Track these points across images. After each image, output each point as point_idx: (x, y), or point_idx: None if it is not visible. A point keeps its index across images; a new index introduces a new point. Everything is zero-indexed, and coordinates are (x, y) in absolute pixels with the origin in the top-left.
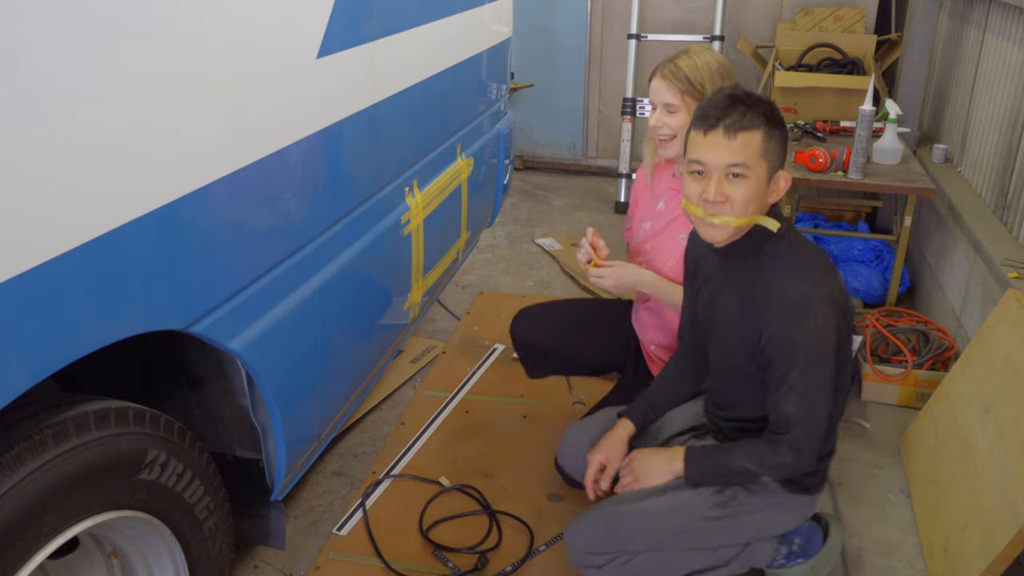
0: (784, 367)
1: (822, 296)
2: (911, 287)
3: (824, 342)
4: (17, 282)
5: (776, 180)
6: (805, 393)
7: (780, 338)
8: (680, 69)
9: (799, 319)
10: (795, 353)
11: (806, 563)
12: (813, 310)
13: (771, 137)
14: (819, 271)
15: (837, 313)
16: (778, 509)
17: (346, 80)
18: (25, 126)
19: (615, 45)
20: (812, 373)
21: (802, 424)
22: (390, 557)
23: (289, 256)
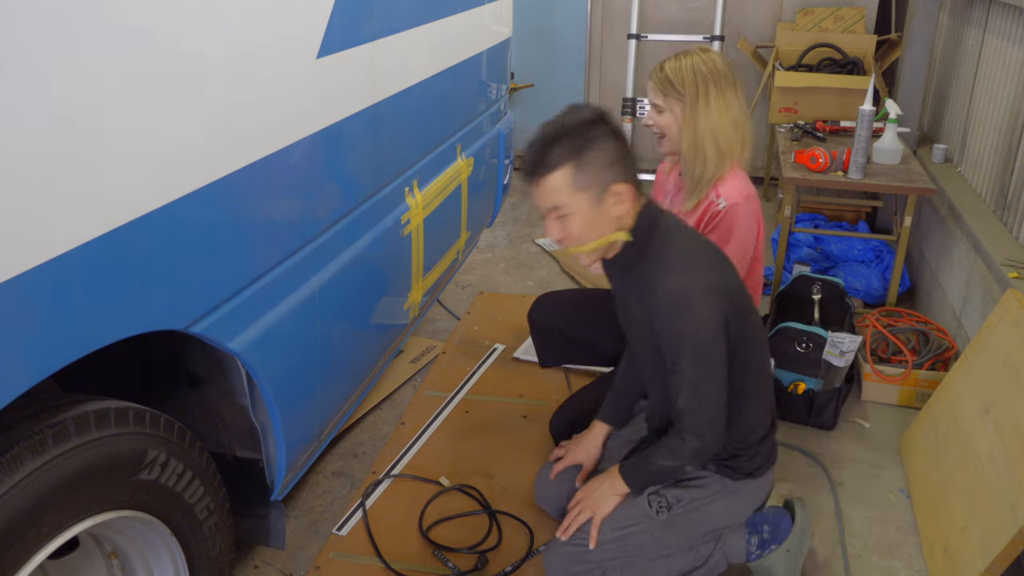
0: (673, 359)
1: (701, 287)
2: (911, 287)
3: (707, 331)
4: (17, 282)
5: (608, 197)
6: (694, 382)
7: (666, 332)
8: (664, 71)
9: (679, 312)
10: (680, 345)
11: (780, 547)
12: (691, 302)
13: (583, 165)
14: (697, 264)
15: (720, 300)
16: (729, 498)
17: (346, 80)
18: (25, 126)
19: (615, 45)
20: (699, 362)
21: (695, 412)
22: (390, 557)
23: (289, 256)
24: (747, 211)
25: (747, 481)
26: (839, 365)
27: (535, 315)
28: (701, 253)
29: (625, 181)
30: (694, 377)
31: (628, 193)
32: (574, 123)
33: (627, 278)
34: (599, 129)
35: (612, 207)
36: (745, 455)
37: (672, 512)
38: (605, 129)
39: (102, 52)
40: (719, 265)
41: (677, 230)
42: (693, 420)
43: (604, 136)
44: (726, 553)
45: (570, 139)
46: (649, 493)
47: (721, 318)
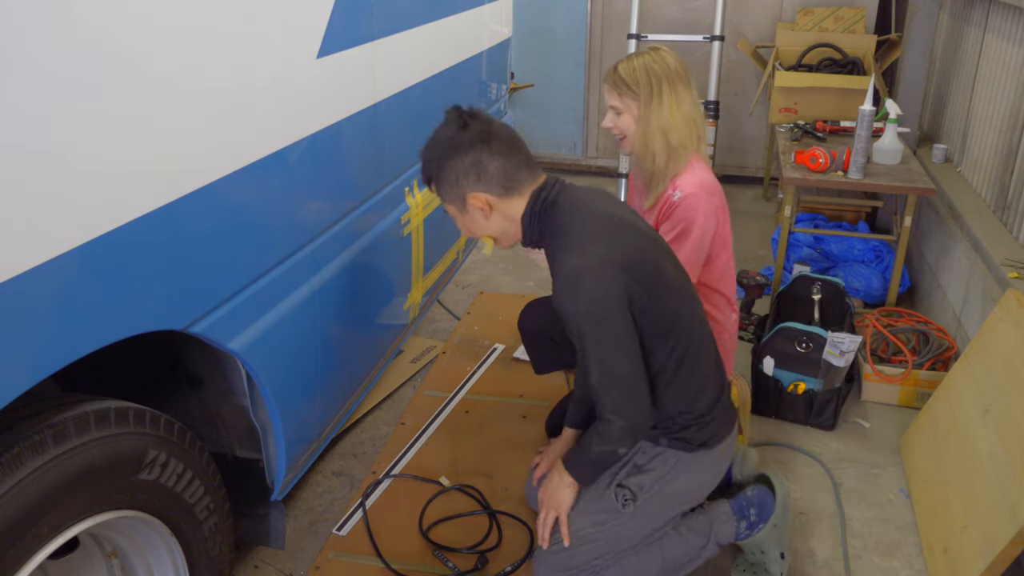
0: (578, 339)
1: (593, 263)
2: (911, 287)
3: (601, 307)
4: (17, 282)
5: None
6: (601, 359)
7: (564, 313)
8: (617, 72)
9: (571, 291)
10: (578, 324)
11: (767, 524)
12: (581, 279)
13: (440, 183)
14: (591, 239)
15: (616, 273)
16: (689, 471)
17: (346, 80)
18: (25, 126)
19: (615, 45)
20: (601, 339)
21: (609, 388)
22: (390, 557)
23: (289, 256)
24: (706, 201)
25: (703, 452)
26: (839, 365)
27: (524, 323)
28: (597, 226)
29: (481, 190)
30: (599, 355)
31: (486, 199)
32: (437, 139)
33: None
34: (453, 143)
35: (476, 211)
36: (696, 425)
37: (638, 502)
38: (459, 141)
39: (102, 52)
40: (619, 236)
41: (577, 208)
42: (611, 399)
43: (457, 151)
44: (718, 540)
45: (429, 157)
46: (615, 486)
47: (619, 291)
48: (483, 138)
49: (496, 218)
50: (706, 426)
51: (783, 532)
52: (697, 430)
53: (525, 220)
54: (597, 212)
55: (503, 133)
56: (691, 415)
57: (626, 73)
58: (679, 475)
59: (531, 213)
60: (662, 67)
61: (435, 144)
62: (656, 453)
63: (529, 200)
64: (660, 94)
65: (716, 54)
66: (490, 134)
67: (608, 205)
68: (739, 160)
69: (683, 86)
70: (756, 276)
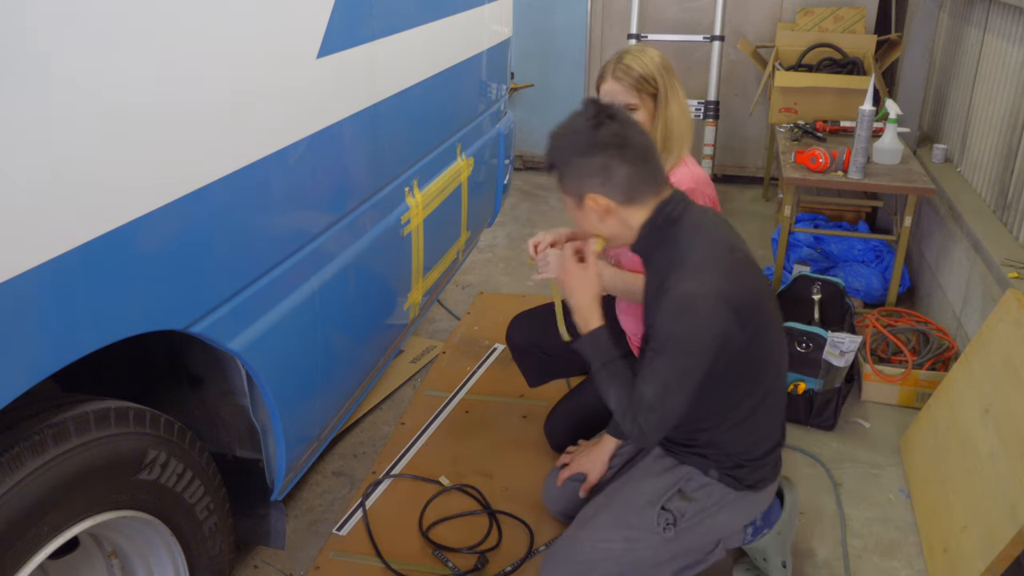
0: (654, 352)
1: (710, 294)
2: (911, 287)
3: (697, 341)
4: (17, 282)
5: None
6: (666, 384)
7: (660, 326)
8: (631, 68)
9: (679, 314)
10: (667, 343)
11: (771, 530)
12: (692, 307)
13: (562, 174)
14: (711, 268)
15: (726, 311)
16: (730, 510)
17: (346, 80)
18: (25, 126)
19: (615, 45)
20: (679, 366)
21: (653, 412)
22: (390, 557)
23: (289, 256)
24: (702, 197)
25: (748, 493)
26: (839, 365)
27: (512, 337)
28: (719, 257)
29: (602, 193)
30: (666, 379)
31: (606, 203)
32: (569, 130)
33: (648, 271)
34: (585, 140)
35: (592, 211)
36: (749, 467)
37: (677, 527)
38: (592, 140)
39: (102, 52)
40: (739, 272)
41: (701, 231)
42: (647, 418)
43: (587, 150)
44: (724, 545)
45: (557, 144)
46: (659, 507)
47: (720, 330)
48: (617, 143)
49: (611, 222)
50: (758, 469)
51: (787, 540)
52: (749, 472)
53: (644, 230)
54: (720, 241)
55: (638, 140)
56: (748, 456)
57: (643, 69)
58: (720, 511)
59: (652, 225)
60: (663, 60)
61: (566, 134)
62: (703, 483)
63: (653, 212)
64: (672, 87)
65: (716, 54)
66: (625, 140)
67: (729, 235)
68: (739, 160)
69: (678, 79)
70: None
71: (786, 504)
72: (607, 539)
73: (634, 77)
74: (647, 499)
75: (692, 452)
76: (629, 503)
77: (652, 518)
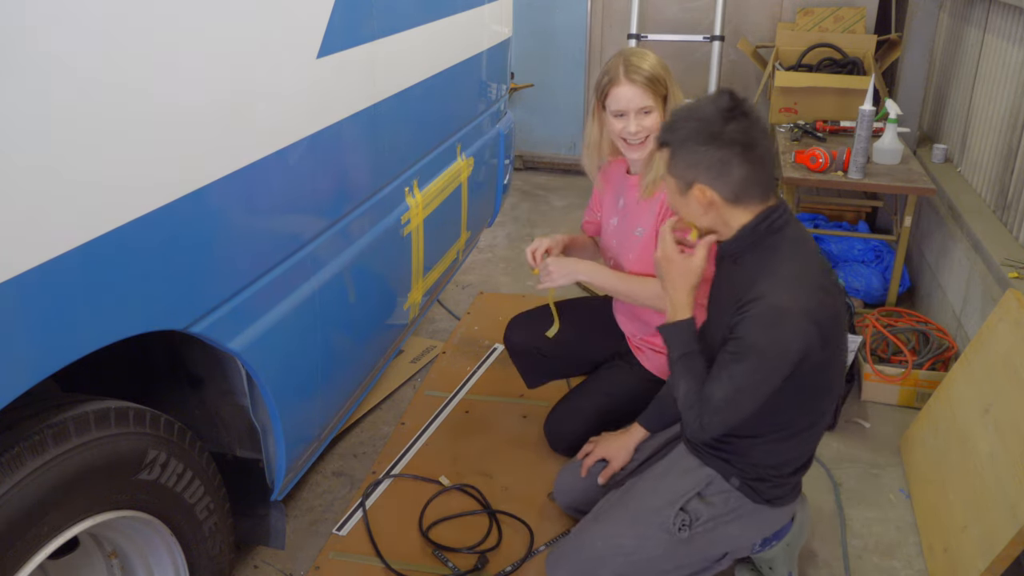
0: (734, 357)
1: (800, 311)
2: (911, 287)
3: (780, 353)
4: (17, 282)
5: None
6: (740, 388)
7: (743, 333)
8: (645, 70)
9: (764, 325)
10: (749, 351)
11: (780, 542)
12: (781, 320)
13: (674, 157)
14: (806, 286)
15: (812, 329)
16: (744, 521)
17: (346, 80)
18: (25, 126)
19: (615, 45)
20: (757, 374)
21: (718, 414)
22: (390, 557)
23: (289, 256)
24: None
25: (765, 507)
26: None
27: (510, 338)
28: (815, 276)
29: (712, 187)
30: (741, 384)
31: (713, 197)
32: (696, 114)
33: (730, 269)
34: (709, 131)
35: (695, 201)
36: (773, 482)
37: (692, 530)
38: (717, 132)
39: (102, 51)
40: (830, 296)
41: (801, 247)
42: (711, 419)
43: (709, 141)
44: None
45: (677, 126)
46: (677, 508)
47: (802, 346)
48: (744, 142)
49: (711, 216)
50: (779, 487)
51: (795, 552)
52: (771, 487)
53: (744, 232)
54: (815, 261)
55: (763, 144)
56: (774, 472)
57: (652, 70)
58: (734, 521)
59: (753, 230)
60: (662, 61)
61: (691, 117)
62: (723, 490)
63: (757, 217)
64: (674, 87)
65: (716, 54)
66: (752, 141)
67: (822, 257)
68: None
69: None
70: None
71: (797, 517)
72: (619, 534)
73: (650, 79)
74: (666, 499)
75: (717, 456)
76: (647, 501)
77: (669, 517)
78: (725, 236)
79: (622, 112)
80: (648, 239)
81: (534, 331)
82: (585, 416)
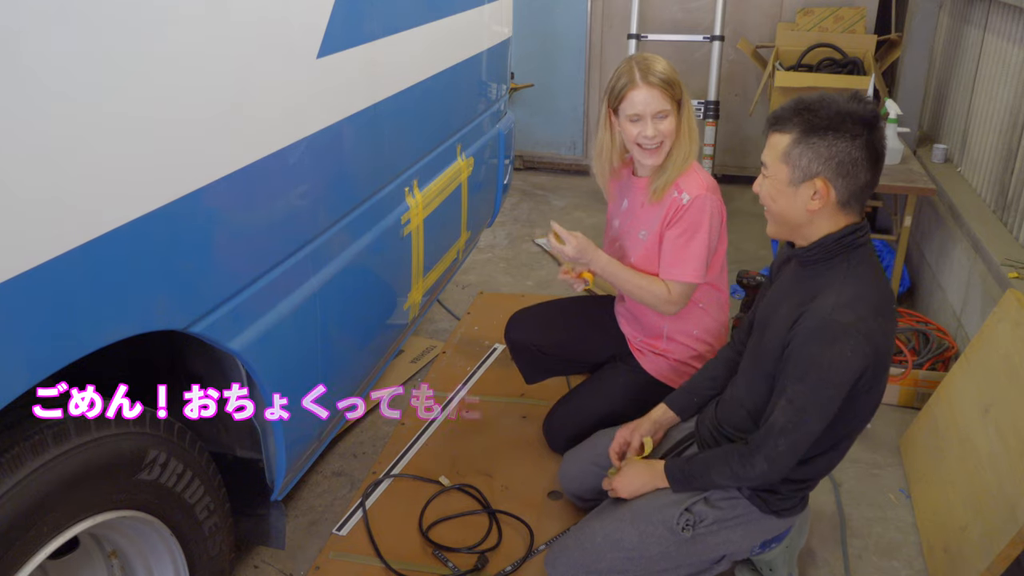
0: (791, 378)
1: (863, 331)
2: (911, 287)
3: (842, 372)
4: (17, 282)
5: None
6: (803, 409)
7: (802, 349)
8: (658, 73)
9: (829, 341)
10: (807, 369)
11: (780, 544)
12: (846, 339)
13: (801, 144)
14: (867, 303)
15: (869, 349)
16: (747, 528)
17: (346, 80)
18: (24, 125)
19: (615, 45)
20: (816, 394)
21: (786, 436)
22: (390, 557)
23: (289, 256)
24: (713, 202)
25: (771, 518)
26: None
27: (511, 335)
28: (883, 300)
29: (835, 185)
30: (804, 404)
31: (826, 195)
32: (837, 108)
33: (797, 273)
34: (852, 129)
35: (808, 193)
36: (782, 495)
37: (695, 531)
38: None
39: (102, 51)
40: (889, 322)
41: (874, 268)
42: (777, 444)
43: (849, 137)
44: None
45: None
46: (683, 508)
47: (860, 366)
48: (877, 152)
49: (809, 215)
50: (788, 499)
51: (794, 554)
52: (781, 499)
53: (827, 241)
54: (884, 285)
55: (884, 158)
56: (790, 488)
57: (666, 73)
58: (738, 527)
59: (837, 240)
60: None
61: (831, 108)
62: (731, 496)
63: (844, 229)
64: (687, 91)
65: (716, 54)
66: (882, 154)
67: (889, 286)
68: (739, 160)
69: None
70: (756, 276)
71: (796, 519)
72: (620, 530)
73: (667, 82)
74: (672, 498)
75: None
76: (651, 499)
77: (673, 516)
78: (797, 236)
79: (638, 116)
80: (652, 242)
81: (534, 327)
82: (584, 417)
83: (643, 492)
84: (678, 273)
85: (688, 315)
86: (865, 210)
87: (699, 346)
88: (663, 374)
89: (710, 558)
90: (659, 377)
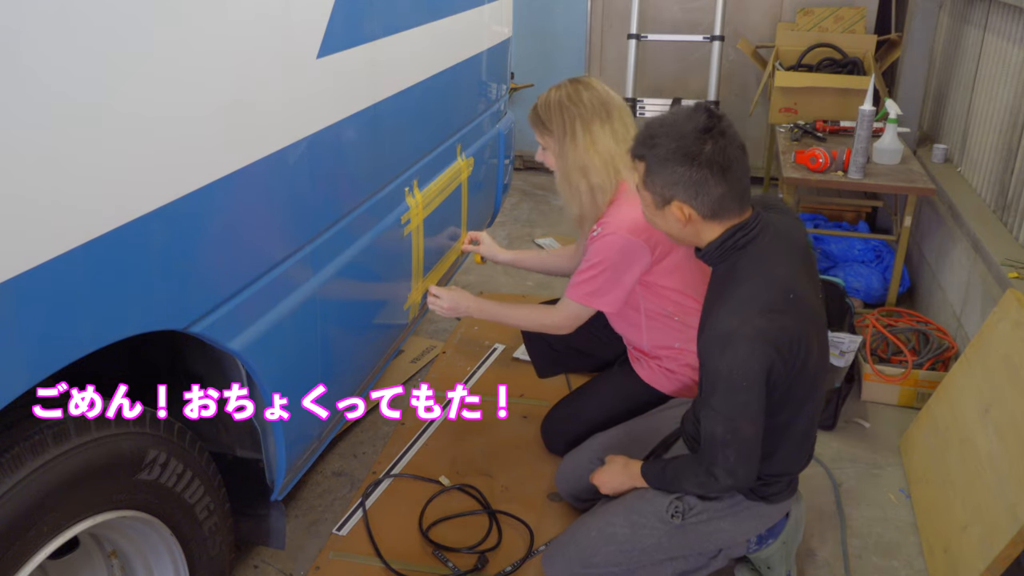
0: (708, 392)
1: (750, 334)
2: (911, 287)
3: (745, 376)
4: (17, 282)
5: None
6: (730, 418)
7: (706, 363)
8: (535, 108)
9: (720, 351)
10: (715, 380)
11: (776, 540)
12: (733, 343)
13: (651, 174)
14: (754, 305)
15: (765, 348)
16: (738, 516)
17: (346, 80)
18: (24, 125)
19: (615, 45)
20: (731, 402)
21: (729, 447)
22: (390, 557)
23: (289, 256)
24: (625, 242)
25: (760, 504)
26: (839, 365)
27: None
28: (771, 298)
29: (691, 205)
30: (728, 415)
31: (689, 214)
32: (674, 132)
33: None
34: (686, 151)
35: (673, 217)
36: (763, 480)
37: (685, 520)
38: (694, 152)
39: (102, 51)
40: (787, 315)
41: (761, 266)
42: (726, 456)
43: (687, 161)
44: (727, 554)
45: (655, 142)
46: (673, 497)
47: (763, 365)
48: (720, 163)
49: (688, 231)
50: (773, 485)
51: (791, 550)
52: (762, 485)
53: (711, 248)
54: (777, 282)
55: (739, 162)
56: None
57: (542, 110)
58: (727, 516)
59: (720, 247)
60: (576, 104)
61: (670, 135)
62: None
63: (724, 234)
64: (574, 133)
65: (716, 54)
66: (728, 162)
67: (790, 274)
68: None
69: (599, 123)
70: None
71: (792, 515)
72: (613, 522)
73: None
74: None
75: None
76: (642, 492)
77: (663, 505)
78: (699, 245)
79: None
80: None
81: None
82: (582, 420)
83: (623, 491)
84: (571, 292)
85: (665, 329)
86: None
87: (686, 356)
88: (656, 380)
89: (705, 550)
90: (652, 384)
